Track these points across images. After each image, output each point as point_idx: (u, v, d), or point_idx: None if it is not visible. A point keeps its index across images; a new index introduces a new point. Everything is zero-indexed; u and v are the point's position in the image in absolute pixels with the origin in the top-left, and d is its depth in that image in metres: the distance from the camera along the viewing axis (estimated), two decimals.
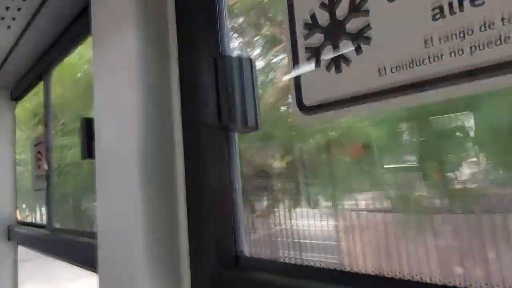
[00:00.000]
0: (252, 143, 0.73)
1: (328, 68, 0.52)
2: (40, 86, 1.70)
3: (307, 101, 0.54)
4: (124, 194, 0.86)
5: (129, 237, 0.85)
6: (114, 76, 0.89)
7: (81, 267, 1.22)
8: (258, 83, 0.63)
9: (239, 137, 0.68)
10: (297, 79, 0.55)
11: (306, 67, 0.54)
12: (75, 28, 1.26)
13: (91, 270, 1.16)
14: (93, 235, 1.20)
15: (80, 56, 2.24)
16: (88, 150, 1.05)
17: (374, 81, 0.46)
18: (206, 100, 0.65)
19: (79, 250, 1.21)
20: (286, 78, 0.52)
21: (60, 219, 1.68)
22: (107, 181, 0.92)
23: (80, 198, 2.48)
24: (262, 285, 0.62)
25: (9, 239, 1.97)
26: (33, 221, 2.73)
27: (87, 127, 1.05)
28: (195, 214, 0.76)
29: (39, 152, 1.72)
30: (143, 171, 0.81)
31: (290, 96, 0.55)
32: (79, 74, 2.50)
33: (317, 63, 0.53)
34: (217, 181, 0.70)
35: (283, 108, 0.88)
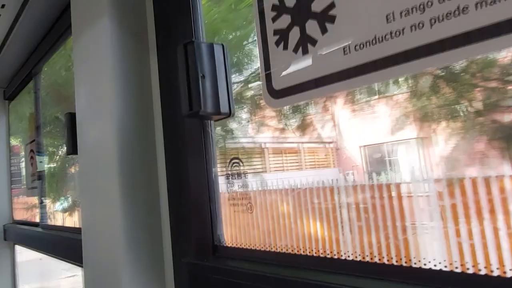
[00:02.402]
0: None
1: (295, 50, 0.50)
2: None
3: (276, 85, 0.53)
4: (105, 188, 0.85)
5: (111, 231, 0.84)
6: (93, 70, 0.88)
7: (70, 262, 1.22)
8: (231, 69, 0.62)
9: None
10: (266, 63, 0.54)
11: (275, 51, 0.53)
12: (61, 24, 1.25)
13: (78, 265, 1.15)
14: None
15: None
16: (73, 146, 1.04)
17: (339, 61, 0.45)
18: (180, 88, 0.64)
19: (67, 246, 1.21)
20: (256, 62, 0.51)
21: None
22: (89, 176, 0.92)
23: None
24: (239, 272, 0.61)
25: (5, 239, 1.97)
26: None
27: (72, 123, 1.04)
28: (176, 206, 0.76)
29: (31, 151, 1.72)
30: (124, 165, 0.80)
31: (260, 80, 0.54)
32: None
33: (285, 46, 0.52)
34: (195, 171, 0.69)
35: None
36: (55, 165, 1.64)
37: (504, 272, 0.38)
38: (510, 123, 0.46)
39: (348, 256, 0.51)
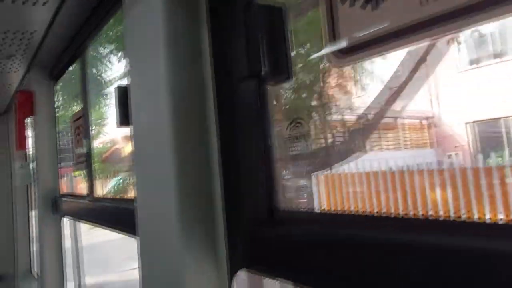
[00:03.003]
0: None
1: (363, 5, 0.50)
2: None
3: (343, 42, 0.52)
4: (159, 157, 0.88)
5: (164, 200, 0.87)
6: (144, 41, 0.91)
7: (122, 232, 1.28)
8: (290, 32, 0.62)
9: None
10: (331, 22, 0.54)
11: (341, 8, 0.52)
12: (107, 1, 1.28)
13: (131, 235, 1.21)
14: (132, 201, 1.25)
15: None
16: (124, 118, 1.08)
17: (414, 11, 0.44)
18: (236, 52, 0.65)
19: (119, 216, 1.27)
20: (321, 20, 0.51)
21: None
22: (143, 145, 0.95)
23: None
24: (299, 237, 0.62)
25: (54, 211, 2.09)
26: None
27: (122, 95, 1.08)
28: (230, 170, 0.78)
29: (77, 128, 1.80)
30: (177, 133, 0.83)
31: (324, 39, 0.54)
32: None
33: (352, 1, 0.51)
34: (251, 135, 0.70)
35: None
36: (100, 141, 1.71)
37: None
38: None
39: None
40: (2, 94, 2.47)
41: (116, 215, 1.32)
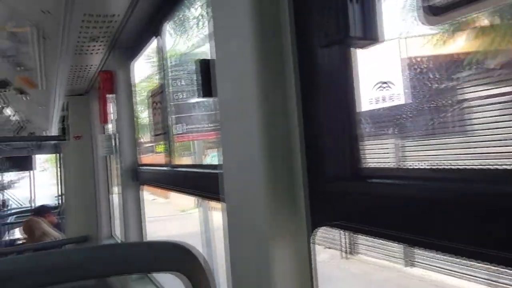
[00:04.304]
0: None
1: None
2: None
3: (435, 1, 0.55)
4: (244, 123, 0.96)
5: (250, 162, 0.95)
6: (229, 15, 0.98)
7: (205, 197, 1.41)
8: None
9: None
10: None
11: None
12: None
13: (214, 200, 1.31)
14: (212, 167, 1.36)
15: None
16: (206, 90, 1.18)
17: None
18: (322, 15, 0.69)
19: (202, 182, 1.39)
20: None
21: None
22: (229, 114, 1.04)
23: None
24: (386, 193, 0.66)
25: (134, 180, 2.32)
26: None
27: (204, 69, 1.18)
28: (311, 132, 0.83)
29: (154, 102, 1.96)
30: (261, 100, 0.89)
31: None
32: None
33: None
34: (335, 96, 0.75)
35: None
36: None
37: None
38: None
39: None
40: (85, 74, 2.73)
41: (196, 181, 1.46)
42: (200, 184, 1.39)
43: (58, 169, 7.45)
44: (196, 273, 0.45)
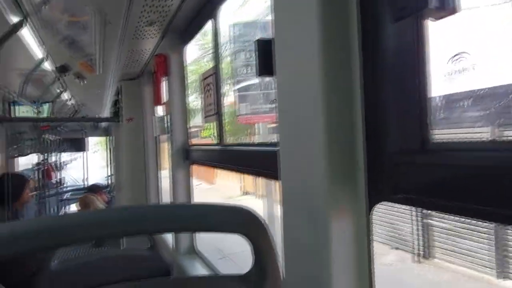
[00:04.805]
0: None
1: None
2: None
3: None
4: (305, 100, 0.98)
5: (309, 140, 0.98)
6: None
7: (260, 175, 1.45)
8: None
9: None
10: None
11: None
12: None
13: (270, 177, 1.35)
14: (268, 145, 1.40)
15: None
16: (265, 68, 1.21)
17: None
18: None
19: (257, 160, 1.43)
20: None
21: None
22: (289, 91, 1.06)
23: None
24: (457, 167, 0.66)
25: (185, 159, 2.43)
26: None
27: (263, 48, 1.21)
28: (373, 101, 0.84)
29: (207, 85, 2.03)
30: (323, 77, 0.91)
31: None
32: None
33: None
34: (403, 69, 0.75)
35: None
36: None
37: None
38: None
39: None
40: (140, 58, 2.87)
41: (250, 159, 1.50)
42: (255, 162, 1.43)
43: (108, 151, 7.91)
44: (260, 237, 0.49)
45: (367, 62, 0.86)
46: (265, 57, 1.19)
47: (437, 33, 0.76)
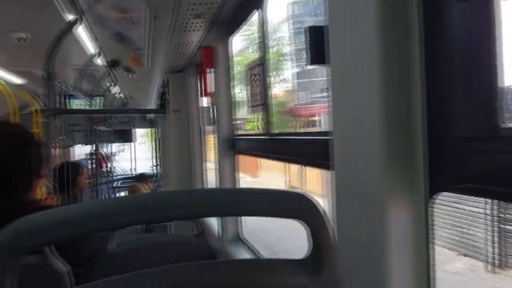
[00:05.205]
0: None
1: None
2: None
3: None
4: (362, 87, 0.96)
5: (365, 126, 0.96)
6: None
7: (309, 164, 1.45)
8: None
9: None
10: None
11: None
12: None
13: (321, 167, 1.34)
14: (319, 134, 1.39)
15: None
16: (317, 57, 1.20)
17: None
18: None
19: (307, 149, 1.43)
20: None
21: None
22: (343, 79, 1.05)
23: None
24: None
25: (230, 149, 2.48)
26: None
27: (315, 35, 1.19)
28: (436, 92, 0.81)
29: (253, 75, 2.05)
30: (381, 64, 0.89)
31: None
32: None
33: None
34: (470, 50, 0.72)
35: None
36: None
37: None
38: None
39: None
40: (185, 51, 2.94)
41: (299, 148, 1.51)
42: (304, 151, 1.43)
43: (154, 142, 8.24)
44: (317, 223, 0.49)
45: (429, 45, 0.83)
46: (317, 45, 1.18)
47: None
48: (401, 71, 0.88)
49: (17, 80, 4.53)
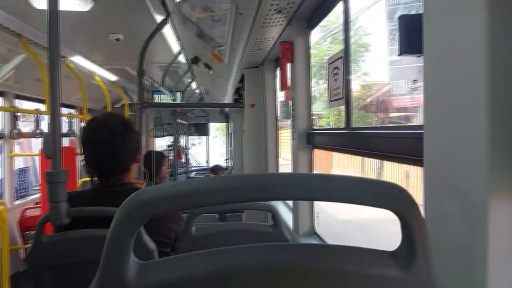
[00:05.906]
0: None
1: None
2: None
3: None
4: (465, 79, 0.90)
5: (466, 122, 0.90)
6: None
7: (393, 160, 1.41)
8: None
9: None
10: None
11: None
12: None
13: (410, 163, 1.29)
14: (406, 128, 1.34)
15: None
16: (408, 46, 1.15)
17: None
18: None
19: (390, 145, 1.38)
20: None
21: None
22: (440, 71, 0.99)
23: None
24: None
25: (307, 142, 2.48)
26: None
27: (408, 24, 1.15)
28: None
29: (335, 68, 2.02)
30: (488, 51, 0.83)
31: None
32: None
33: None
34: None
35: None
36: None
37: None
38: None
39: None
40: (264, 47, 3.00)
41: (384, 143, 1.46)
42: (390, 146, 1.39)
43: (228, 135, 8.56)
44: (410, 214, 0.47)
45: None
46: (410, 34, 1.13)
47: None
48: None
49: (111, 77, 5.03)
